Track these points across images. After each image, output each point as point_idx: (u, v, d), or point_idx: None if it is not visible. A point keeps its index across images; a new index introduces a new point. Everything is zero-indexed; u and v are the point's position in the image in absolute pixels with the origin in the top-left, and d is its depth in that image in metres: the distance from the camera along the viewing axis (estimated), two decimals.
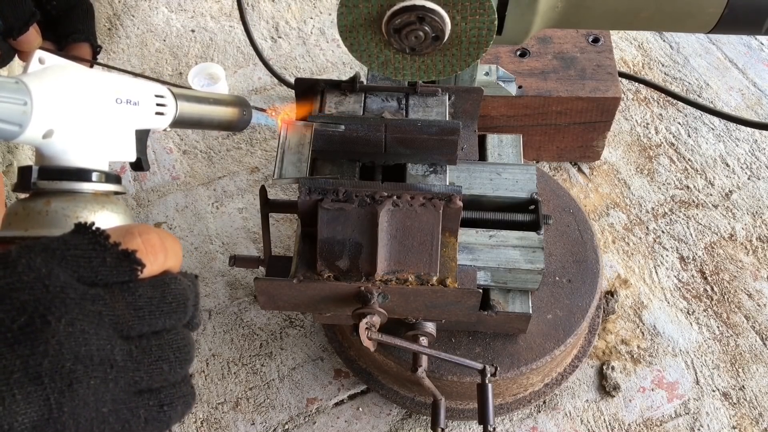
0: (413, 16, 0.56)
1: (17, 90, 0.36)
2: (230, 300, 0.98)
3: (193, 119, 0.54)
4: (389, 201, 0.62)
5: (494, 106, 0.99)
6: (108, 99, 0.43)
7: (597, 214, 1.05)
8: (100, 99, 0.42)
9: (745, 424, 0.86)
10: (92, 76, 0.41)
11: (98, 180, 0.41)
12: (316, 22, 1.32)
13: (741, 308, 0.95)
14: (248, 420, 0.88)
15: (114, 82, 0.43)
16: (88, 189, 0.41)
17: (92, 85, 0.41)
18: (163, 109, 0.49)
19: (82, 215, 0.39)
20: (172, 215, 1.06)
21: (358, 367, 0.87)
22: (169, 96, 0.50)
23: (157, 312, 0.32)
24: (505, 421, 0.86)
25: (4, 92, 0.35)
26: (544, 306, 0.82)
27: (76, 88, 0.40)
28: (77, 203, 0.39)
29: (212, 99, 0.57)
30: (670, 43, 1.27)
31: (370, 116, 0.73)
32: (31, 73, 0.39)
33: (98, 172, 0.41)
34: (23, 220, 0.38)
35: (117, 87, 0.43)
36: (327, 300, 0.67)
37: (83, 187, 0.41)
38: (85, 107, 0.40)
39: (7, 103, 0.35)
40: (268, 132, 1.16)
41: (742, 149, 1.12)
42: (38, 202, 0.39)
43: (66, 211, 0.39)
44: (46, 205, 0.39)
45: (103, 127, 0.42)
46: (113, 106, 0.43)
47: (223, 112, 0.58)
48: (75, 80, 0.40)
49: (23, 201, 0.40)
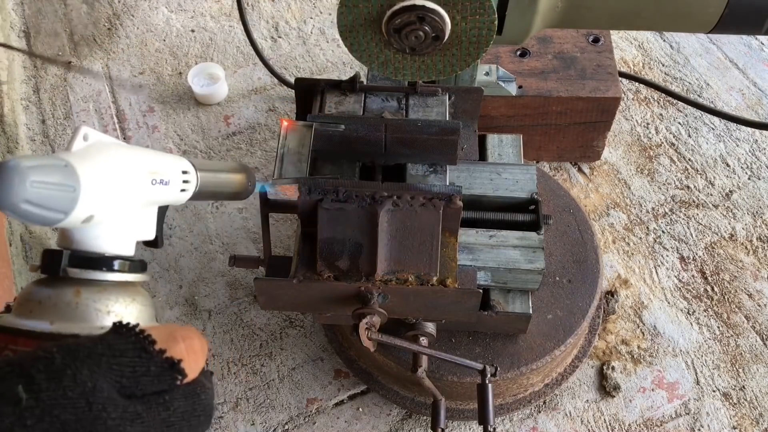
0: (413, 16, 0.56)
1: (67, 175, 0.33)
2: (230, 300, 0.98)
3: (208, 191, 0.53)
4: (389, 201, 0.62)
5: (494, 106, 0.99)
6: (145, 180, 0.41)
7: (597, 214, 1.05)
8: (139, 182, 0.40)
9: (745, 424, 0.86)
10: (133, 156, 0.40)
11: (127, 270, 0.39)
12: (316, 22, 1.32)
13: (741, 308, 0.95)
14: (248, 420, 0.88)
15: (150, 162, 0.42)
16: (119, 279, 0.39)
17: (133, 168, 0.40)
18: (187, 186, 0.48)
19: (114, 309, 0.37)
20: (172, 215, 1.06)
21: (358, 368, 0.87)
22: (192, 171, 0.48)
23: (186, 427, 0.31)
24: (505, 422, 0.86)
25: (53, 178, 0.32)
26: (545, 306, 0.81)
27: (120, 171, 0.38)
28: (108, 295, 0.37)
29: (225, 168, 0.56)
30: (670, 43, 1.27)
31: (370, 116, 0.73)
32: (76, 152, 0.36)
33: (127, 260, 0.39)
34: (49, 310, 0.35)
35: (153, 167, 0.42)
36: (327, 300, 0.67)
37: (113, 278, 0.38)
38: (126, 192, 0.39)
39: (56, 191, 0.33)
40: (268, 132, 1.16)
41: (743, 149, 1.12)
42: (67, 292, 0.36)
43: (97, 304, 0.36)
44: (76, 296, 0.36)
45: (136, 210, 0.41)
46: (149, 188, 0.41)
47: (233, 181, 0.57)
48: (119, 162, 0.38)
49: (47, 287, 0.37)
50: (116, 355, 0.29)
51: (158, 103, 1.20)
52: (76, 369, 0.27)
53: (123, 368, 0.29)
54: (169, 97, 1.21)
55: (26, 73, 1.26)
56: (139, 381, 0.29)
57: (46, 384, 0.26)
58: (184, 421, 0.31)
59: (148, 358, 0.30)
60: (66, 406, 0.26)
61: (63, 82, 1.24)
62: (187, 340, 0.32)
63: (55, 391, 0.26)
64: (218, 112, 1.19)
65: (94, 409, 0.26)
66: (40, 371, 0.26)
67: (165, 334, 0.31)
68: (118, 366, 0.28)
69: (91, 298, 0.36)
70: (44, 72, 1.26)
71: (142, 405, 0.29)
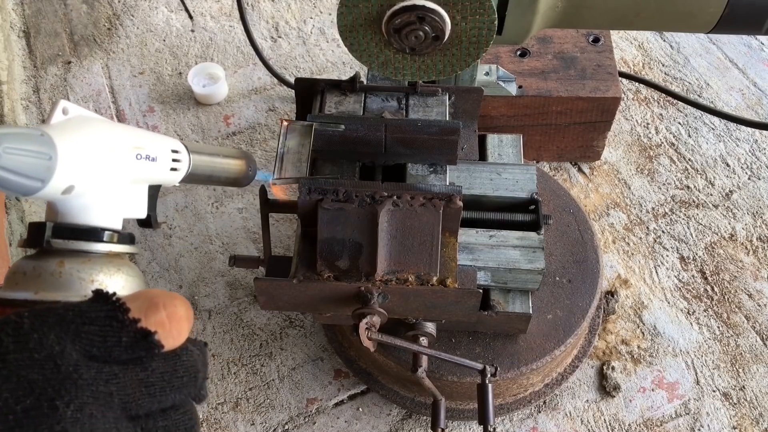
0: (413, 16, 0.56)
1: (42, 143, 0.33)
2: (230, 300, 0.98)
3: (204, 174, 0.53)
4: (389, 201, 0.62)
5: (494, 106, 0.99)
6: (129, 155, 0.41)
7: (597, 214, 1.05)
8: (122, 155, 0.40)
9: (745, 424, 0.86)
10: (116, 130, 0.40)
11: (114, 240, 0.39)
12: (316, 22, 1.32)
13: (741, 308, 0.95)
14: (248, 420, 0.88)
15: (136, 137, 0.42)
16: (104, 250, 0.38)
17: (116, 140, 0.40)
18: (178, 165, 0.48)
19: (98, 279, 0.37)
20: (172, 215, 1.06)
21: (358, 368, 0.87)
22: (183, 152, 0.49)
23: (168, 388, 0.30)
24: (505, 422, 0.86)
25: (28, 145, 0.33)
26: (545, 306, 0.81)
27: (100, 142, 0.38)
28: (93, 265, 0.37)
29: (222, 153, 0.56)
30: (670, 43, 1.27)
31: (370, 116, 0.73)
32: (54, 125, 0.36)
33: (113, 231, 0.39)
34: (33, 280, 0.36)
35: (138, 143, 0.42)
36: (327, 300, 0.67)
37: (98, 248, 0.38)
38: (107, 163, 0.39)
39: (31, 157, 0.33)
40: (268, 132, 1.16)
41: (743, 149, 1.12)
42: (51, 262, 0.36)
43: (81, 274, 0.36)
44: (60, 266, 0.36)
45: (122, 184, 0.41)
46: (133, 162, 0.41)
47: (231, 166, 0.57)
48: (99, 134, 0.38)
49: (33, 259, 0.37)
50: (86, 322, 0.28)
51: (158, 103, 1.20)
52: (43, 334, 0.27)
53: (93, 337, 0.28)
54: (169, 97, 1.21)
55: (26, 73, 1.26)
56: (111, 351, 0.28)
57: (14, 347, 0.26)
58: (165, 381, 0.30)
59: (119, 327, 0.28)
60: (33, 366, 0.26)
61: (63, 82, 1.24)
62: (169, 308, 0.30)
63: (21, 353, 0.26)
64: (218, 112, 1.19)
65: (63, 370, 0.26)
66: (9, 334, 0.27)
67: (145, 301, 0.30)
68: (87, 334, 0.28)
69: (75, 267, 0.36)
70: (44, 72, 1.26)
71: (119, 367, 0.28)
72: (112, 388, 0.28)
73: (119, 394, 0.28)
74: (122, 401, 0.28)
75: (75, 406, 0.26)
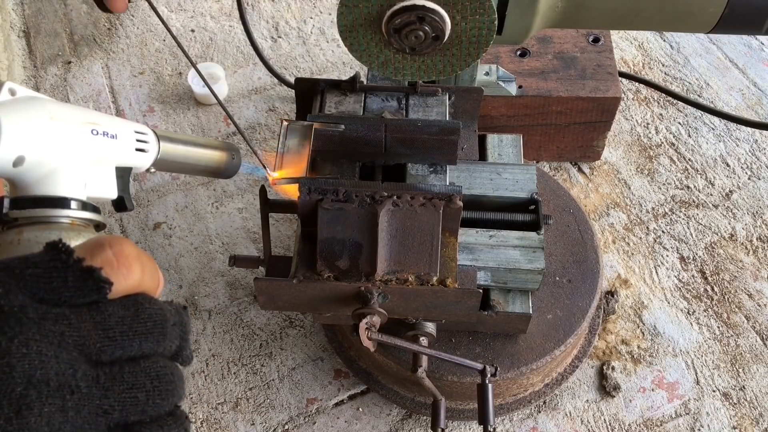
0: (413, 16, 0.56)
1: None
2: (230, 300, 0.98)
3: (177, 161, 0.53)
4: (389, 201, 0.62)
5: (494, 106, 0.99)
6: (82, 129, 0.41)
7: (597, 214, 1.05)
8: (73, 128, 0.41)
9: (745, 424, 0.86)
10: (65, 107, 0.40)
11: (75, 207, 0.39)
12: (316, 22, 1.32)
13: (741, 308, 0.95)
14: (248, 420, 0.88)
15: (89, 115, 0.43)
16: (64, 216, 0.38)
17: (64, 115, 0.40)
18: (145, 146, 0.48)
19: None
20: (172, 215, 1.06)
21: (358, 368, 0.87)
22: (150, 134, 0.49)
23: (130, 333, 0.29)
24: (505, 422, 0.86)
25: None
26: (545, 306, 0.81)
27: (47, 116, 0.39)
28: (51, 231, 0.37)
29: (200, 143, 0.56)
30: (670, 42, 1.27)
31: (370, 116, 0.73)
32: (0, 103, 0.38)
33: (74, 200, 0.39)
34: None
35: (92, 119, 0.42)
36: (327, 300, 0.67)
37: (58, 214, 0.38)
38: (57, 135, 0.39)
39: None
40: (268, 132, 1.16)
41: (743, 149, 1.12)
42: (10, 233, 0.37)
43: (39, 239, 0.36)
44: (18, 235, 0.36)
45: (79, 158, 0.41)
46: (89, 137, 0.42)
47: (209, 155, 0.57)
48: (46, 109, 0.39)
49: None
50: (29, 266, 0.28)
51: (158, 103, 1.20)
52: None
53: (37, 279, 0.28)
54: (169, 97, 1.21)
55: (26, 73, 1.26)
56: (59, 292, 0.28)
57: None
58: (125, 326, 0.29)
59: (63, 267, 0.28)
60: None
61: (63, 82, 1.24)
62: (115, 246, 0.30)
63: None
64: (218, 112, 1.19)
65: (7, 309, 0.26)
66: None
67: (91, 243, 0.30)
68: (32, 277, 0.28)
69: (34, 234, 0.37)
70: (44, 72, 1.26)
71: (70, 309, 0.28)
72: (63, 328, 0.27)
73: (72, 336, 0.27)
74: (77, 343, 0.27)
75: (19, 341, 0.26)
